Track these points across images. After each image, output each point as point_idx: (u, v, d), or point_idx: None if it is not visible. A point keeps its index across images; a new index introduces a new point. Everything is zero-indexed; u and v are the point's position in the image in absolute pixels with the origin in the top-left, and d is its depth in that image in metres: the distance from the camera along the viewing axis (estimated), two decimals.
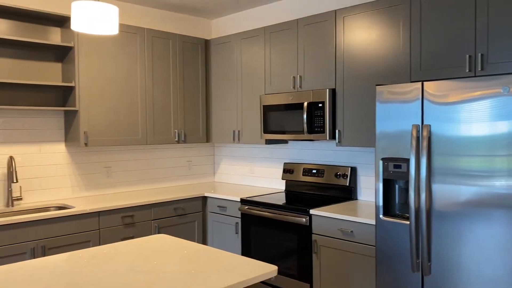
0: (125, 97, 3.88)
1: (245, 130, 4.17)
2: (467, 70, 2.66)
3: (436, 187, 2.48)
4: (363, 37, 3.22)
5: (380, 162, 2.73)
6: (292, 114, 3.62)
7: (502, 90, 2.24)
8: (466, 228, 2.37)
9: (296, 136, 3.60)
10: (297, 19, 3.67)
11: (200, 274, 1.81)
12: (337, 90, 3.40)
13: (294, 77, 3.70)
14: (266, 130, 3.85)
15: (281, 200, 3.68)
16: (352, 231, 3.01)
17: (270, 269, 1.86)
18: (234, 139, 4.26)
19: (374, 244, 2.89)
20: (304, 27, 3.62)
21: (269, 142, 4.02)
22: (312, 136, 3.49)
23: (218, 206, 4.03)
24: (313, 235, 3.24)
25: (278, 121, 3.74)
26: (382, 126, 2.72)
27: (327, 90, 3.38)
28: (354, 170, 3.66)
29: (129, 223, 3.60)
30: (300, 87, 3.66)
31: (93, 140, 3.67)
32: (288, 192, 4.09)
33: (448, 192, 2.44)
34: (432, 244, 2.50)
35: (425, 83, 2.52)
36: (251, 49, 4.08)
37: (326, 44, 3.46)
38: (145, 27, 4.13)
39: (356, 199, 3.67)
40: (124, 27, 3.85)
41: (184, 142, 4.33)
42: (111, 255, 2.09)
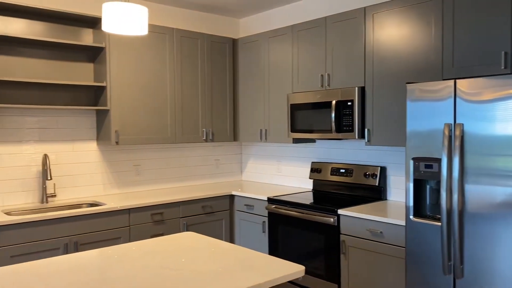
0: (154, 96, 3.94)
1: (272, 129, 4.16)
2: (503, 67, 2.57)
3: (469, 188, 2.41)
4: (393, 34, 3.16)
5: (411, 162, 2.67)
6: (320, 112, 3.59)
7: None
8: (501, 230, 2.29)
9: (324, 135, 3.57)
10: (325, 17, 3.64)
11: (227, 272, 1.82)
12: (366, 88, 3.34)
13: (322, 75, 3.67)
14: (294, 129, 3.83)
15: (308, 199, 3.65)
16: (381, 232, 2.96)
17: (298, 269, 1.85)
18: (261, 138, 4.26)
19: (404, 246, 2.83)
20: (333, 25, 3.57)
21: (296, 141, 4.00)
22: (340, 135, 3.45)
23: (245, 205, 4.04)
24: (341, 235, 3.20)
25: (306, 119, 3.72)
26: (413, 125, 2.66)
27: (356, 88, 3.34)
28: (383, 169, 3.60)
29: (158, 220, 3.65)
30: (328, 85, 3.62)
31: (123, 139, 3.74)
32: (315, 191, 4.06)
33: (482, 192, 2.36)
34: (464, 246, 2.43)
35: (458, 80, 2.45)
36: (278, 47, 4.06)
37: (355, 41, 3.41)
38: (173, 27, 4.18)
39: (386, 199, 3.61)
40: (153, 28, 3.91)
41: (212, 140, 4.36)
42: (140, 252, 2.13)
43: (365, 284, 3.06)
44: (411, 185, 2.68)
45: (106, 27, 2.02)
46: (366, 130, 3.34)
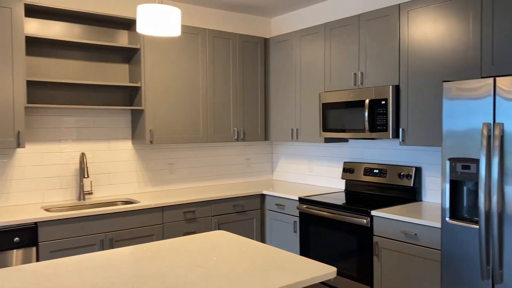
0: (187, 96, 4.00)
1: (303, 128, 4.14)
2: None
3: (509, 189, 2.31)
4: (429, 31, 3.08)
5: (447, 162, 2.59)
6: (352, 111, 3.54)
7: None
8: None
9: (357, 134, 3.52)
10: (358, 15, 3.58)
11: (258, 272, 1.82)
12: (401, 87, 3.27)
13: (355, 73, 3.61)
14: (326, 128, 3.80)
15: (340, 200, 3.61)
16: (415, 234, 2.89)
17: (330, 270, 1.84)
18: (292, 137, 4.25)
19: (439, 248, 2.75)
20: (366, 22, 3.52)
21: (328, 140, 3.96)
22: (374, 134, 3.39)
23: (276, 204, 4.03)
24: (374, 236, 3.15)
25: (338, 119, 3.67)
26: (449, 125, 2.58)
27: (390, 86, 3.27)
28: (418, 170, 3.51)
29: (190, 218, 3.71)
30: (362, 84, 3.56)
31: (157, 138, 3.82)
32: (348, 192, 4.01)
33: None
34: (504, 250, 2.34)
35: (497, 78, 2.36)
36: (310, 46, 4.03)
37: (389, 39, 3.35)
38: (206, 27, 4.23)
39: (421, 200, 3.52)
40: (186, 28, 3.97)
41: (243, 140, 4.39)
42: (173, 249, 2.16)
43: (398, 286, 3.00)
44: (447, 186, 2.60)
45: (140, 28, 2.07)
46: (401, 129, 3.27)
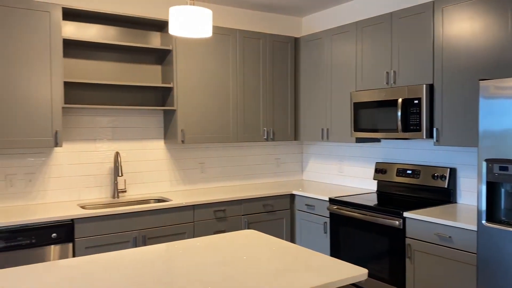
0: (218, 96, 4.03)
1: (334, 128, 4.10)
2: None
3: None
4: (464, 28, 2.99)
5: (484, 163, 2.51)
6: (385, 111, 3.48)
7: None
8: None
9: (389, 134, 3.46)
10: (391, 12, 3.52)
11: (288, 272, 1.82)
12: (435, 86, 3.19)
13: (387, 72, 3.55)
14: (357, 128, 3.75)
15: (372, 201, 3.56)
16: (450, 237, 2.81)
17: (360, 271, 1.82)
18: (322, 137, 4.22)
19: (475, 252, 2.67)
20: (399, 20, 3.45)
21: (359, 140, 3.91)
22: (407, 134, 3.32)
23: (306, 205, 4.02)
24: (406, 238, 3.09)
25: (370, 118, 3.62)
26: (486, 124, 2.50)
27: (424, 85, 3.20)
28: (453, 171, 3.42)
29: (221, 217, 3.74)
30: (394, 82, 3.50)
31: (189, 138, 3.87)
32: (380, 193, 3.95)
33: None
34: None
35: None
36: (342, 45, 3.99)
37: (423, 37, 3.27)
38: (237, 28, 4.26)
39: (455, 202, 3.42)
40: (217, 29, 4.00)
41: (273, 140, 4.39)
42: (204, 247, 2.19)
43: None
44: (484, 188, 2.52)
45: (172, 30, 2.10)
46: (435, 129, 3.19)
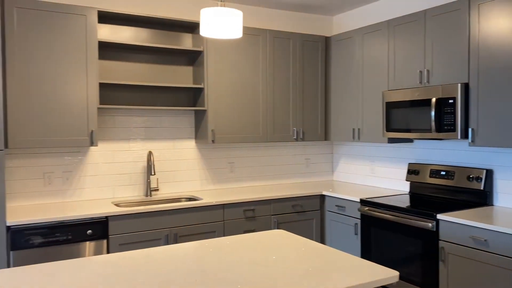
0: (247, 96, 4.06)
1: (365, 128, 4.05)
2: None
3: None
4: (502, 25, 2.89)
5: None
6: (418, 111, 3.41)
7: None
8: None
9: (423, 134, 3.38)
10: (424, 10, 3.44)
11: (317, 272, 1.82)
12: (470, 85, 3.10)
13: (420, 71, 3.48)
14: (389, 128, 3.69)
15: (404, 202, 3.49)
16: (486, 240, 2.72)
17: (391, 274, 1.79)
18: (354, 137, 4.17)
19: None
20: (433, 18, 3.37)
21: (391, 140, 3.84)
22: (441, 135, 3.24)
23: (336, 206, 3.98)
24: (440, 241, 3.01)
25: (403, 118, 3.55)
26: None
27: (459, 84, 3.11)
28: (490, 172, 3.31)
29: (250, 216, 3.76)
30: (428, 82, 3.42)
31: (219, 138, 3.92)
32: (412, 194, 3.87)
33: None
34: None
35: None
36: (373, 44, 3.94)
37: (458, 35, 3.18)
38: (267, 28, 4.27)
39: (492, 205, 3.31)
40: (247, 30, 4.03)
41: (303, 140, 4.37)
42: (233, 246, 2.21)
43: None
44: None
45: (203, 32, 2.13)
46: (470, 129, 3.09)
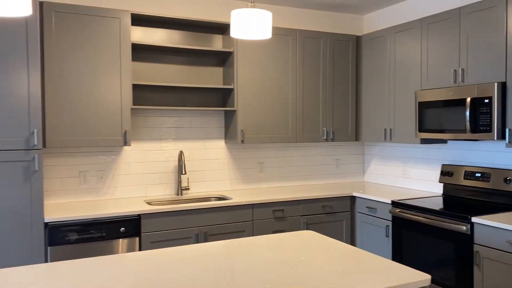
0: (277, 96, 4.06)
1: (397, 129, 3.97)
2: None
3: None
4: None
5: None
6: (452, 111, 3.32)
7: None
8: None
9: (457, 135, 3.29)
10: (459, 7, 3.35)
11: (347, 274, 1.80)
12: (508, 84, 3.00)
13: (455, 70, 3.39)
14: (422, 129, 3.61)
15: (438, 205, 3.41)
16: None
17: (423, 277, 1.75)
18: (385, 138, 4.10)
19: None
20: (468, 15, 3.28)
21: (424, 141, 3.76)
22: (476, 135, 3.15)
23: (367, 207, 3.93)
24: (474, 245, 2.93)
25: (436, 118, 3.47)
26: None
27: (496, 84, 3.01)
28: None
29: (279, 217, 3.76)
30: (462, 81, 3.33)
31: (248, 138, 3.94)
32: (446, 196, 3.77)
33: None
34: None
35: None
36: (406, 42, 3.86)
37: (495, 32, 3.08)
38: (297, 28, 4.25)
39: None
40: (277, 30, 4.03)
41: (333, 140, 4.34)
42: (262, 246, 2.22)
43: None
44: None
45: (234, 33, 2.15)
46: (507, 130, 2.99)
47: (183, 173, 3.80)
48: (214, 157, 4.14)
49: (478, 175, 3.49)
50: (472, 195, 3.56)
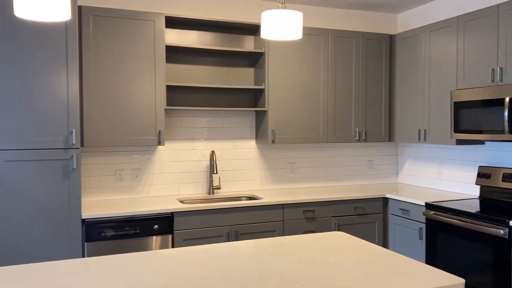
0: (308, 96, 4.05)
1: (432, 129, 3.88)
2: None
3: None
4: None
5: None
6: (489, 111, 3.22)
7: None
8: None
9: (495, 136, 3.19)
10: (497, 4, 3.24)
11: (377, 276, 1.78)
12: None
13: (492, 69, 3.28)
14: (457, 129, 3.51)
15: (474, 207, 3.31)
16: None
17: (457, 281, 1.71)
18: (419, 139, 4.01)
19: None
20: (507, 12, 3.16)
21: (460, 142, 3.66)
22: None
23: (400, 209, 3.86)
24: None
25: (472, 119, 3.37)
26: None
27: None
28: None
29: (310, 217, 3.75)
30: (501, 80, 3.22)
31: (279, 138, 3.95)
32: (482, 199, 3.66)
33: None
34: None
35: None
36: (441, 41, 3.77)
37: None
38: (329, 28, 4.23)
39: None
40: (309, 30, 4.02)
41: (365, 141, 4.28)
42: (292, 246, 2.23)
43: None
44: None
45: (264, 34, 2.17)
46: None
47: (215, 172, 3.86)
48: (245, 157, 4.18)
49: None
50: (510, 198, 3.43)
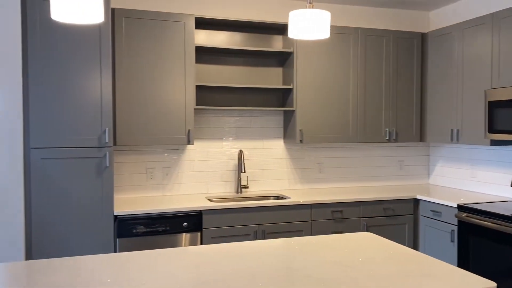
0: (337, 96, 4.02)
1: (465, 129, 3.78)
2: None
3: None
4: None
5: None
6: None
7: None
8: None
9: None
10: None
11: (405, 277, 1.76)
12: None
13: None
14: (492, 129, 3.41)
15: (508, 210, 3.21)
16: None
17: (488, 285, 1.67)
18: (452, 139, 3.92)
19: None
20: None
21: (495, 143, 3.55)
22: None
23: (431, 211, 3.78)
24: None
25: (508, 118, 3.26)
26: None
27: None
28: None
29: (338, 218, 3.73)
30: None
31: (307, 137, 3.94)
32: None
33: None
34: None
35: None
36: (475, 39, 3.67)
37: None
38: (358, 26, 4.19)
39: None
40: (338, 29, 3.99)
41: (396, 141, 4.21)
42: (319, 246, 2.23)
43: None
44: None
45: (292, 34, 2.18)
46: None
47: (243, 171, 3.89)
48: (272, 156, 4.19)
49: None
50: None
